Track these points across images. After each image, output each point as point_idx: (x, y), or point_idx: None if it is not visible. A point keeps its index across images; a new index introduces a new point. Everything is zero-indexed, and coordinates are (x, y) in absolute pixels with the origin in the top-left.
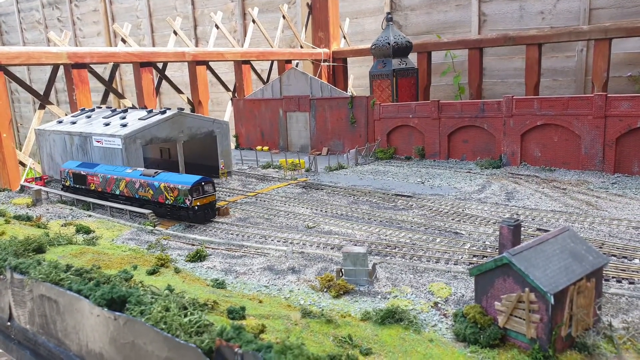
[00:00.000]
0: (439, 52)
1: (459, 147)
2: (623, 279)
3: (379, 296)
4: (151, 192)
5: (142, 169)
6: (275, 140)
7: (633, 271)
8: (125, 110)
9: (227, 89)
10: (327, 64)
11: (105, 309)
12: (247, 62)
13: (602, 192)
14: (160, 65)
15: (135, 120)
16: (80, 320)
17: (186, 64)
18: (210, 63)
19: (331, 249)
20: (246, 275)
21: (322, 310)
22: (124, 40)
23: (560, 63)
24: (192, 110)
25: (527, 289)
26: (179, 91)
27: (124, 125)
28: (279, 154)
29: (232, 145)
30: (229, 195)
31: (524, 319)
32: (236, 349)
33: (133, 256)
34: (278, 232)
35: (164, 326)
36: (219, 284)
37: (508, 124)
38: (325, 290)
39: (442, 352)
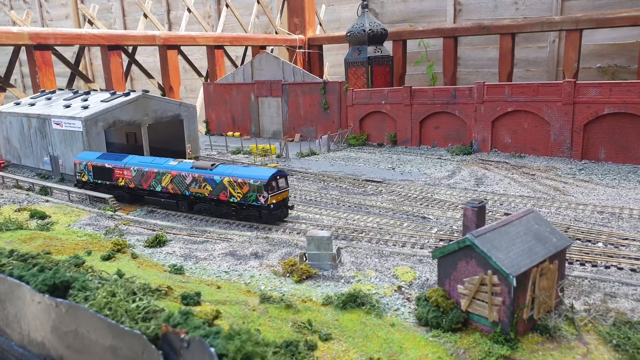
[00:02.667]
0: (415, 41)
1: (430, 134)
2: (586, 261)
3: (343, 280)
4: (209, 188)
5: (192, 160)
6: (247, 126)
7: (596, 254)
8: (88, 92)
9: (200, 75)
10: (303, 50)
11: (47, 296)
12: (220, 47)
13: (569, 178)
14: (129, 50)
15: (97, 102)
16: (22, 308)
17: (158, 48)
18: (182, 48)
19: (297, 233)
20: (207, 261)
21: (283, 295)
22: (91, 22)
23: (533, 53)
24: (163, 96)
25: (489, 272)
26: (149, 76)
27: (85, 108)
28: (251, 140)
29: (203, 130)
30: None
31: (486, 302)
32: (183, 335)
33: (88, 242)
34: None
35: (108, 312)
36: (177, 270)
37: (479, 111)
38: (287, 275)
39: (403, 337)
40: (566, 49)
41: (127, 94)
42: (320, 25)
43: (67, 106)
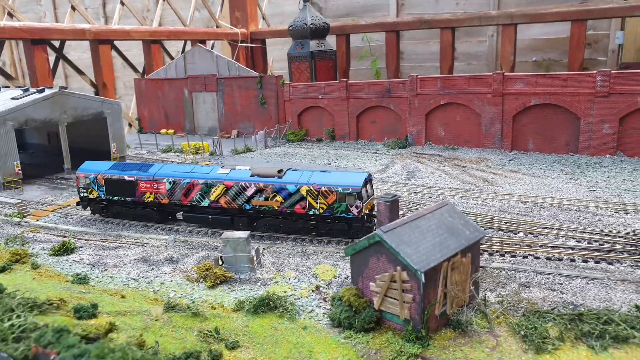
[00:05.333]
0: (359, 36)
1: (367, 128)
2: (506, 252)
3: (260, 283)
4: (279, 199)
5: (247, 167)
6: (181, 123)
7: (516, 244)
8: None
9: (136, 71)
10: (245, 44)
11: None
12: (157, 41)
13: (499, 168)
14: (57, 44)
15: (6, 99)
16: None
17: (89, 43)
18: (116, 43)
19: (219, 235)
20: (116, 268)
21: (193, 302)
22: (11, 15)
23: (473, 47)
24: (96, 94)
25: (398, 268)
26: (80, 72)
27: None
28: (185, 138)
29: (135, 129)
30: None
31: (397, 300)
32: (52, 356)
33: None
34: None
35: None
36: (81, 279)
37: (413, 104)
38: (201, 280)
39: (315, 340)
40: (503, 43)
41: (42, 91)
42: (264, 18)
43: None
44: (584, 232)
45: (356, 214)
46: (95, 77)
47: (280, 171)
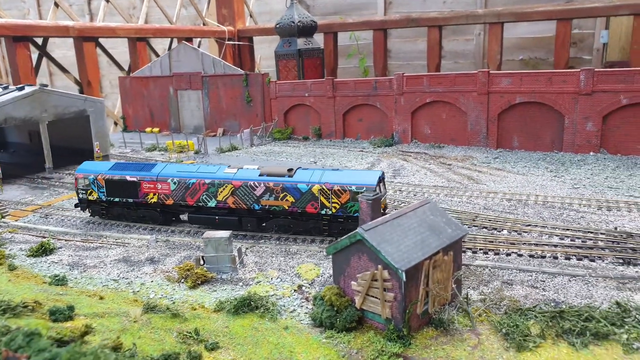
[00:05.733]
0: (346, 34)
1: (354, 126)
2: (490, 250)
3: (241, 283)
4: (290, 199)
5: (255, 166)
6: (166, 121)
7: (500, 242)
8: None
9: (122, 69)
10: (232, 42)
11: None
12: (143, 39)
13: (484, 166)
14: (40, 41)
15: None
16: None
17: (73, 41)
18: (101, 40)
19: (202, 235)
20: (96, 269)
21: (173, 303)
22: None
23: (460, 46)
24: (81, 92)
25: (379, 266)
26: (64, 70)
27: None
28: (170, 136)
29: (119, 127)
30: None
31: (379, 299)
32: None
33: None
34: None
35: None
36: (59, 281)
37: (399, 102)
38: (182, 280)
39: (296, 341)
40: (490, 42)
41: (22, 88)
42: (251, 16)
43: None
44: (567, 230)
45: None
46: (80, 75)
47: (290, 170)
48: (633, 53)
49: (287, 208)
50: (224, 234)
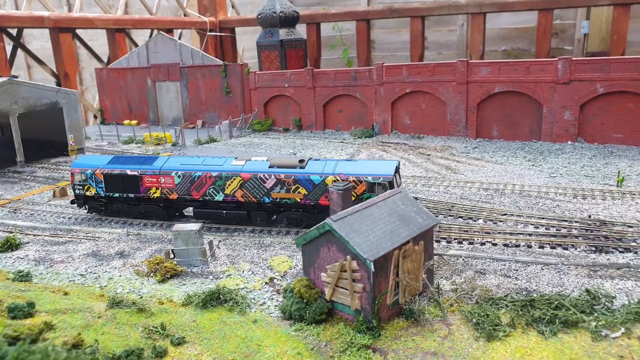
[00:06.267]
0: (330, 25)
1: (334, 117)
2: (464, 239)
3: (211, 277)
4: (302, 191)
5: (264, 158)
6: (145, 113)
7: (475, 231)
8: None
9: (101, 61)
10: (214, 34)
11: None
12: (122, 30)
13: (462, 156)
14: (14, 32)
15: None
16: None
17: (49, 32)
18: (79, 32)
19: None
20: (63, 264)
21: (142, 297)
22: None
23: (444, 37)
24: (58, 84)
25: (348, 257)
26: (40, 62)
27: None
28: (147, 129)
29: (97, 120)
30: None
31: (348, 290)
32: None
33: None
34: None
35: None
36: (23, 276)
37: (379, 92)
38: (151, 274)
39: (264, 334)
40: (472, 32)
41: None
42: (233, 7)
43: None
44: (542, 218)
45: None
46: (57, 66)
47: (301, 161)
48: (613, 43)
49: (299, 201)
50: (194, 226)
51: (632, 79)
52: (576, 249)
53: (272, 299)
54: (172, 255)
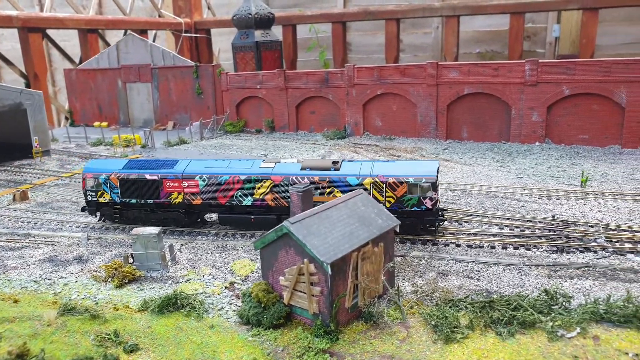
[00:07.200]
0: (306, 27)
1: (307, 119)
2: (428, 240)
3: (170, 281)
4: (338, 194)
5: (294, 160)
6: (115, 115)
7: (439, 233)
8: None
9: (72, 62)
10: (189, 35)
11: None
12: (94, 31)
13: (432, 157)
14: None
15: None
16: None
17: (18, 31)
18: (49, 32)
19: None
20: (16, 270)
21: (97, 303)
22: None
23: (419, 39)
24: (27, 86)
25: (305, 260)
26: (8, 62)
27: None
28: (117, 130)
29: (68, 122)
30: (37, 178)
31: (306, 293)
32: None
33: None
34: (81, 216)
35: None
36: None
37: (351, 94)
38: (109, 280)
39: (221, 339)
40: (446, 35)
41: None
42: (209, 8)
43: None
44: (507, 219)
45: (430, 207)
46: (26, 67)
47: (335, 162)
48: (582, 47)
49: None
50: (153, 230)
51: (596, 80)
52: (538, 249)
53: (231, 303)
54: (130, 260)
